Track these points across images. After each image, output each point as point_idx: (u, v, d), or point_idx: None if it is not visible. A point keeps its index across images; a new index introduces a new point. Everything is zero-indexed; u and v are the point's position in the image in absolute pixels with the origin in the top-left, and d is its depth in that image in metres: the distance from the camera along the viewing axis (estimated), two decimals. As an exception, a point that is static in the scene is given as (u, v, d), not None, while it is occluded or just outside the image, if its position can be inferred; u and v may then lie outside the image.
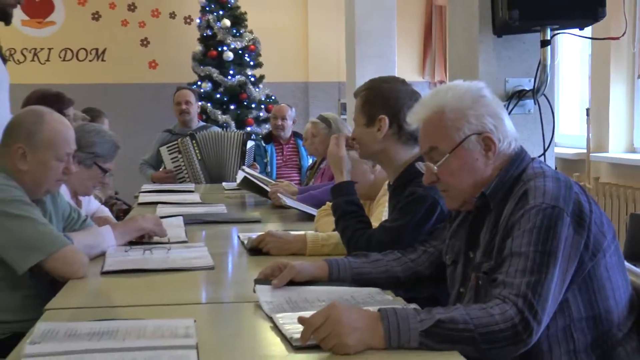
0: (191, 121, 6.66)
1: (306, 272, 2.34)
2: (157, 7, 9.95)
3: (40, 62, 9.81)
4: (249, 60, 8.91)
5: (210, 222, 3.84)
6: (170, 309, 2.24)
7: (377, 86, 2.82)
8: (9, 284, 2.61)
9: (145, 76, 9.91)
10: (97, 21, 9.91)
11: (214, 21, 8.81)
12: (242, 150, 6.35)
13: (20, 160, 2.71)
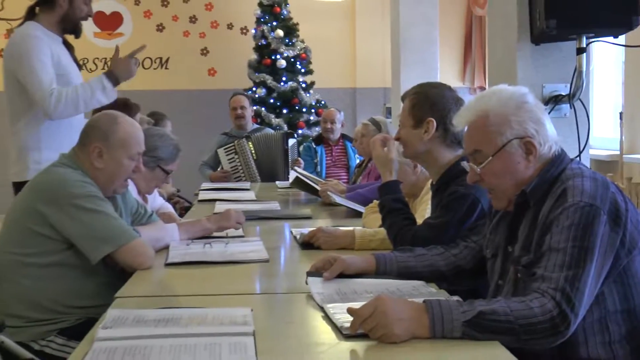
0: (246, 124, 6.69)
1: (355, 265, 2.34)
2: (216, 19, 10.02)
3: (110, 70, 9.92)
4: (301, 67, 8.92)
5: (265, 218, 3.85)
6: (228, 298, 2.24)
7: (426, 90, 2.80)
8: (84, 273, 2.64)
9: (204, 83, 9.99)
10: (161, 32, 10.01)
11: (268, 31, 8.85)
12: (285, 149, 6.37)
13: (96, 158, 2.75)
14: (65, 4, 3.79)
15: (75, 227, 2.59)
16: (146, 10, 9.98)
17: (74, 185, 2.64)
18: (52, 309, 2.60)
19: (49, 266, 2.62)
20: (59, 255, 2.62)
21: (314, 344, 1.78)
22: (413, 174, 3.26)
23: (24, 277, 2.60)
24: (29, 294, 2.59)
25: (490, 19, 4.25)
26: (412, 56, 7.59)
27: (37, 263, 2.61)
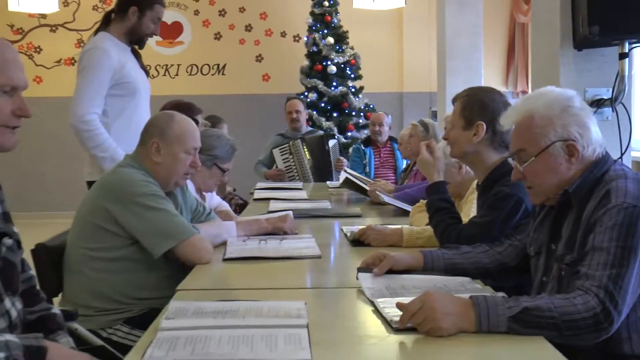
0: (301, 127, 6.71)
1: (403, 262, 2.33)
2: (270, 27, 10.07)
3: (171, 76, 10.05)
4: (350, 73, 8.92)
5: (317, 216, 3.84)
6: (282, 292, 2.25)
7: (477, 94, 2.77)
8: (146, 267, 2.67)
9: (259, 88, 10.05)
10: (218, 40, 10.10)
11: (320, 39, 8.86)
12: (325, 149, 6.37)
13: (155, 153, 2.78)
14: (134, 18, 3.88)
15: (139, 224, 2.62)
16: (205, 20, 10.08)
17: (137, 184, 2.67)
18: (118, 300, 2.64)
19: (115, 260, 2.65)
20: (124, 250, 2.65)
21: (364, 337, 1.78)
22: (458, 175, 3.24)
23: (93, 270, 2.64)
24: (97, 286, 2.63)
25: (534, 26, 4.19)
26: (458, 62, 7.53)
27: (104, 257, 2.65)
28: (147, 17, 3.91)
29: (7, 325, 1.81)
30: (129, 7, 3.88)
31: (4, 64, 1.75)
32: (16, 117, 1.78)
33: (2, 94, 1.75)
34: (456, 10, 7.51)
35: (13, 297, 1.88)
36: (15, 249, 1.92)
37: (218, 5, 10.07)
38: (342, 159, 6.47)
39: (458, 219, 2.75)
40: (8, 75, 1.75)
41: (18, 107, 1.77)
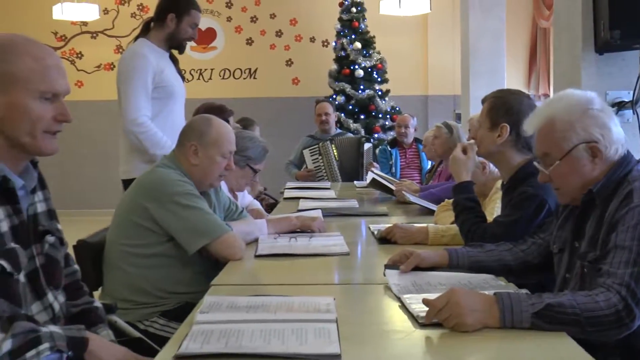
0: (330, 129, 6.71)
1: (429, 259, 2.31)
2: (300, 33, 10.09)
3: (204, 80, 10.11)
4: (377, 76, 8.90)
5: (345, 215, 3.84)
6: (312, 288, 2.25)
7: (505, 96, 2.75)
8: (182, 262, 2.68)
9: (289, 91, 10.07)
10: (250, 46, 10.14)
11: (347, 44, 8.86)
12: (360, 152, 6.35)
13: (192, 155, 2.79)
14: (173, 24, 3.91)
15: (175, 222, 2.63)
16: (237, 26, 10.12)
17: (173, 184, 2.68)
18: (154, 294, 2.65)
19: (152, 256, 2.67)
20: (161, 247, 2.67)
21: (391, 331, 1.77)
22: (482, 175, 3.21)
23: (131, 266, 2.66)
24: (135, 280, 2.65)
25: (556, 30, 4.16)
26: (481, 66, 7.49)
27: (141, 253, 2.66)
28: (185, 22, 3.94)
29: (50, 318, 1.84)
30: (167, 14, 3.91)
31: (46, 71, 1.75)
32: (57, 122, 1.78)
33: (44, 100, 1.75)
34: (479, 16, 7.47)
35: (55, 291, 1.90)
36: (57, 245, 1.94)
37: (250, 12, 10.11)
38: (374, 163, 6.46)
39: (483, 218, 2.73)
40: (50, 83, 1.75)
41: (59, 113, 1.78)
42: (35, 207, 1.87)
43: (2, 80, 1.70)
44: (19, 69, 1.71)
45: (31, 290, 1.79)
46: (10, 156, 1.76)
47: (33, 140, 1.75)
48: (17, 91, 1.71)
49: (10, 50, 1.73)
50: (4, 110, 1.71)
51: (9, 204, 1.74)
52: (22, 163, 1.82)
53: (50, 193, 1.98)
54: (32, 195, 1.86)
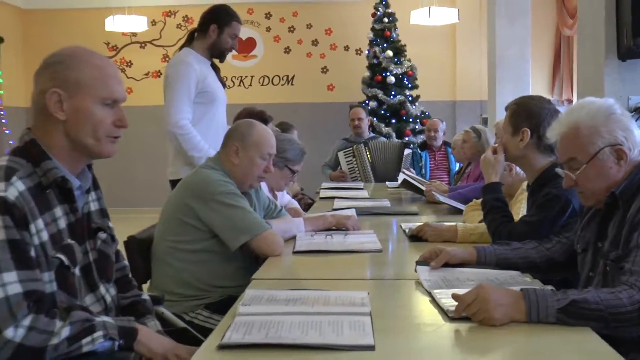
0: (363, 132, 6.70)
1: (458, 256, 2.30)
2: (335, 42, 10.09)
3: (245, 86, 10.16)
4: (407, 83, 8.86)
5: (377, 214, 3.83)
6: (347, 282, 2.24)
7: (525, 102, 2.72)
8: (224, 258, 2.69)
9: (324, 97, 10.08)
10: (288, 54, 10.16)
11: (380, 52, 8.84)
12: (400, 157, 6.33)
13: (233, 155, 2.81)
14: (214, 35, 3.94)
15: (218, 220, 2.65)
16: (275, 36, 10.16)
17: (217, 183, 2.70)
18: (199, 287, 2.67)
19: (197, 252, 2.68)
20: (205, 243, 2.68)
21: (422, 324, 1.76)
22: (509, 176, 3.18)
23: (177, 261, 2.68)
24: (181, 274, 2.67)
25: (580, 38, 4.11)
26: (507, 72, 7.42)
27: (187, 249, 2.68)
28: (226, 33, 3.97)
29: (102, 309, 1.86)
30: (210, 25, 3.95)
31: (106, 79, 1.79)
32: (116, 127, 1.82)
33: (104, 106, 1.78)
34: (506, 24, 7.40)
35: (107, 284, 1.93)
36: (109, 242, 1.96)
37: (287, 23, 10.13)
38: (410, 168, 6.41)
39: (510, 217, 2.70)
40: (110, 90, 1.79)
41: (118, 119, 1.82)
42: (89, 205, 1.91)
43: (69, 85, 1.75)
44: (83, 75, 1.76)
45: (85, 283, 1.82)
46: (70, 158, 1.80)
47: (96, 142, 1.79)
48: (82, 96, 1.76)
49: (76, 59, 1.77)
50: (70, 113, 1.75)
51: (67, 202, 1.78)
52: (80, 165, 1.85)
53: (102, 193, 2.01)
54: (86, 195, 1.89)
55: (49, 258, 1.68)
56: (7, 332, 1.54)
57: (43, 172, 1.72)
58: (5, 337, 1.54)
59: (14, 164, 1.70)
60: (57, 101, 1.74)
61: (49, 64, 1.78)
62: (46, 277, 1.67)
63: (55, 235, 1.72)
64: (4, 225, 1.59)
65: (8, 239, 1.59)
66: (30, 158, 1.74)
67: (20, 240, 1.61)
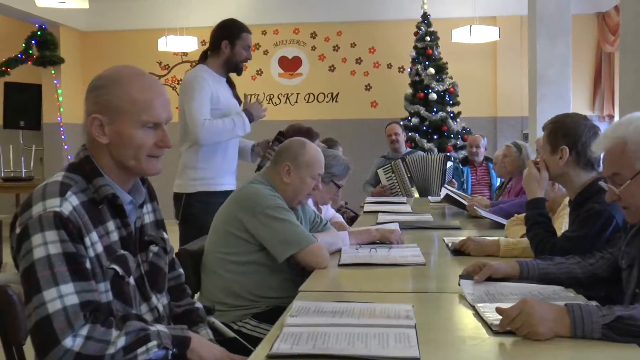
0: (400, 148, 6.65)
1: (501, 270, 2.26)
2: (378, 60, 10.10)
3: (291, 103, 10.22)
4: (449, 99, 8.81)
5: (420, 228, 3.80)
6: (391, 295, 2.23)
7: (561, 120, 2.68)
8: (272, 270, 2.70)
9: (368, 113, 10.07)
10: (332, 72, 10.20)
11: (422, 70, 8.81)
12: (443, 169, 6.27)
13: (285, 174, 2.82)
14: (227, 50, 3.91)
15: (266, 233, 2.66)
16: (320, 54, 10.20)
17: (266, 198, 2.71)
18: (247, 298, 2.68)
19: (246, 264, 2.70)
20: (253, 255, 2.70)
21: (466, 338, 1.73)
22: (552, 191, 3.13)
23: (227, 272, 2.70)
24: (230, 285, 2.68)
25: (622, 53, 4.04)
26: (547, 90, 7.33)
27: (236, 261, 2.70)
28: (238, 46, 3.92)
29: (155, 319, 1.88)
30: (221, 41, 3.91)
31: (148, 103, 1.78)
32: (158, 147, 1.82)
33: (146, 128, 1.79)
34: (547, 43, 7.32)
35: (159, 295, 1.94)
36: (161, 254, 1.97)
37: (332, 42, 10.17)
38: (454, 180, 6.37)
39: (553, 232, 2.65)
40: (151, 114, 1.78)
41: (160, 140, 1.81)
42: (143, 219, 1.92)
43: (109, 110, 1.76)
44: (124, 101, 1.76)
45: (139, 293, 1.84)
46: (119, 175, 1.82)
47: (137, 164, 1.80)
48: (123, 121, 1.76)
49: (118, 83, 1.77)
50: (112, 137, 1.77)
51: (119, 217, 1.80)
52: (130, 181, 1.87)
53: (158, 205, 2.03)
54: (139, 208, 1.91)
55: (104, 269, 1.71)
56: (66, 341, 1.56)
57: (95, 188, 1.75)
58: (65, 347, 1.56)
59: (69, 180, 1.73)
60: (98, 125, 1.76)
61: (93, 88, 1.79)
62: (102, 288, 1.70)
63: (109, 247, 1.74)
64: (60, 239, 1.62)
65: (64, 252, 1.62)
66: (84, 174, 1.76)
67: (76, 253, 1.64)
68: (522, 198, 4.04)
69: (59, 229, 1.62)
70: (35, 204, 1.66)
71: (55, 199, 1.66)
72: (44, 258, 1.60)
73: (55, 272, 1.60)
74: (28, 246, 1.62)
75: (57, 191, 1.68)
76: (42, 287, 1.58)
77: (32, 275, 1.60)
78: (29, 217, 1.64)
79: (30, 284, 1.60)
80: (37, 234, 1.62)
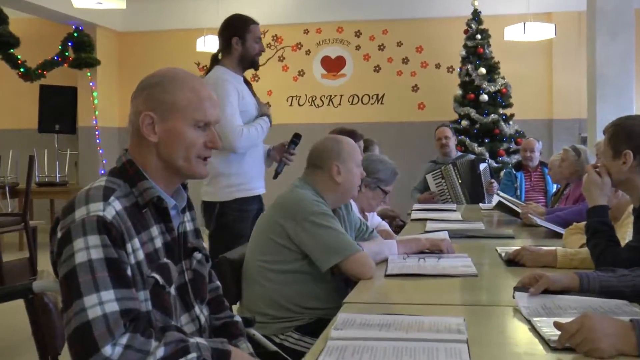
0: (450, 152, 6.60)
1: (559, 282, 2.22)
2: (426, 60, 10.04)
3: (334, 105, 10.23)
4: (501, 101, 8.74)
5: (471, 237, 3.76)
6: (441, 308, 2.21)
7: (623, 123, 2.62)
8: (315, 279, 2.71)
9: (415, 116, 10.03)
10: (377, 72, 10.18)
11: (472, 70, 8.74)
12: (477, 173, 6.22)
13: (336, 175, 2.85)
14: (239, 46, 3.93)
15: (309, 240, 2.67)
16: (365, 54, 10.20)
17: (309, 203, 2.72)
18: (289, 309, 2.69)
19: (288, 273, 2.71)
20: (296, 264, 2.71)
21: (523, 354, 1.71)
22: (614, 198, 3.06)
23: (268, 281, 2.71)
24: (272, 295, 2.70)
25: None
26: (608, 90, 7.19)
27: (278, 269, 2.71)
28: (249, 40, 3.94)
29: (197, 329, 1.90)
30: (231, 39, 3.94)
31: (201, 102, 1.84)
32: (207, 148, 1.87)
33: (197, 128, 1.84)
34: (607, 40, 7.18)
35: (201, 305, 1.96)
36: (204, 262, 2.01)
37: (378, 41, 10.16)
38: (493, 181, 6.34)
39: (616, 242, 2.59)
40: (203, 112, 1.84)
41: (209, 140, 1.87)
42: (185, 225, 1.95)
43: (163, 108, 1.81)
44: (178, 98, 1.82)
45: (180, 302, 1.86)
46: (164, 178, 1.86)
47: (187, 164, 1.84)
48: (176, 119, 1.82)
49: (172, 81, 1.84)
50: (163, 135, 1.82)
51: (163, 222, 1.84)
52: (174, 184, 1.91)
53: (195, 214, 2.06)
54: (182, 214, 1.94)
55: (144, 277, 1.73)
56: (105, 349, 1.59)
57: (139, 192, 1.79)
58: (104, 355, 1.58)
59: (112, 184, 1.77)
60: (149, 124, 1.81)
61: (146, 86, 1.85)
62: (142, 296, 1.72)
63: (152, 254, 1.77)
64: (102, 244, 1.65)
65: (106, 258, 1.65)
66: (127, 178, 1.80)
67: (118, 259, 1.66)
68: (581, 205, 3.97)
69: (102, 234, 1.66)
70: (78, 208, 1.70)
71: (98, 203, 1.70)
72: (85, 263, 1.63)
73: (97, 278, 1.63)
74: (70, 250, 1.65)
75: (100, 195, 1.72)
76: (83, 292, 1.61)
77: (73, 279, 1.63)
78: (72, 221, 1.68)
79: (70, 289, 1.63)
80: (80, 238, 1.65)
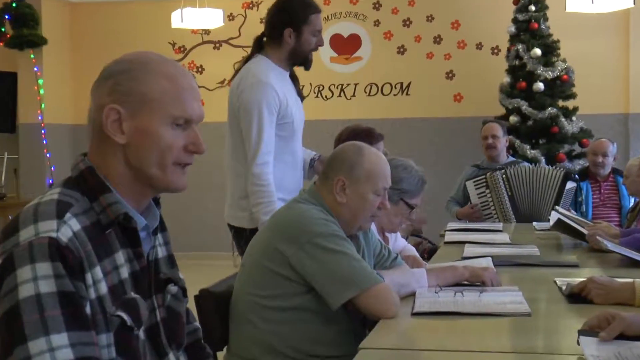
0: (499, 156, 6.60)
1: (638, 324, 2.23)
2: (464, 38, 10.04)
3: (347, 97, 10.23)
4: (562, 91, 8.71)
5: (522, 265, 3.76)
6: (484, 356, 2.21)
7: None
8: (323, 319, 2.72)
9: (449, 110, 10.02)
10: (402, 55, 10.19)
11: (524, 51, 8.70)
12: (560, 190, 6.16)
13: (339, 192, 2.85)
14: (292, 40, 3.98)
15: (315, 269, 2.68)
16: (386, 32, 10.20)
17: (315, 223, 2.73)
18: (290, 356, 2.70)
19: (288, 310, 2.72)
20: (298, 299, 2.72)
21: (590, 415, 1.72)
22: None
23: (263, 321, 2.72)
24: (268, 338, 2.71)
25: None
26: None
27: (276, 306, 2.72)
28: (306, 33, 3.99)
29: (172, 383, 1.90)
30: (283, 29, 3.98)
31: (178, 93, 1.83)
32: (188, 152, 1.86)
33: (175, 127, 1.83)
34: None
35: (177, 352, 1.97)
36: (180, 297, 2.01)
37: (402, 14, 10.17)
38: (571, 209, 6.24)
39: None
40: (182, 107, 1.83)
41: (191, 142, 1.86)
42: (157, 251, 1.95)
43: (131, 100, 1.80)
44: (151, 89, 1.80)
45: (151, 348, 1.86)
46: (133, 191, 1.85)
47: (161, 173, 1.83)
48: (148, 114, 1.80)
49: (144, 67, 1.82)
50: (132, 135, 1.80)
51: (130, 246, 1.83)
52: (145, 199, 1.90)
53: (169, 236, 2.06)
54: (153, 237, 1.94)
55: (107, 316, 1.72)
56: None
57: (102, 207, 1.78)
58: None
59: (67, 198, 1.76)
60: (115, 120, 1.79)
61: (111, 73, 1.83)
62: (103, 341, 1.71)
63: (116, 287, 1.76)
64: (55, 273, 1.63)
65: (59, 291, 1.63)
66: (86, 190, 1.79)
67: (74, 293, 1.65)
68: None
69: (55, 261, 1.64)
70: (23, 228, 1.68)
71: (50, 222, 1.68)
72: (32, 297, 1.62)
73: (46, 317, 1.61)
74: (12, 282, 1.63)
75: (53, 212, 1.70)
76: (28, 335, 1.60)
77: (16, 319, 1.61)
78: (15, 244, 1.66)
79: (11, 331, 1.61)
80: (26, 266, 1.63)
